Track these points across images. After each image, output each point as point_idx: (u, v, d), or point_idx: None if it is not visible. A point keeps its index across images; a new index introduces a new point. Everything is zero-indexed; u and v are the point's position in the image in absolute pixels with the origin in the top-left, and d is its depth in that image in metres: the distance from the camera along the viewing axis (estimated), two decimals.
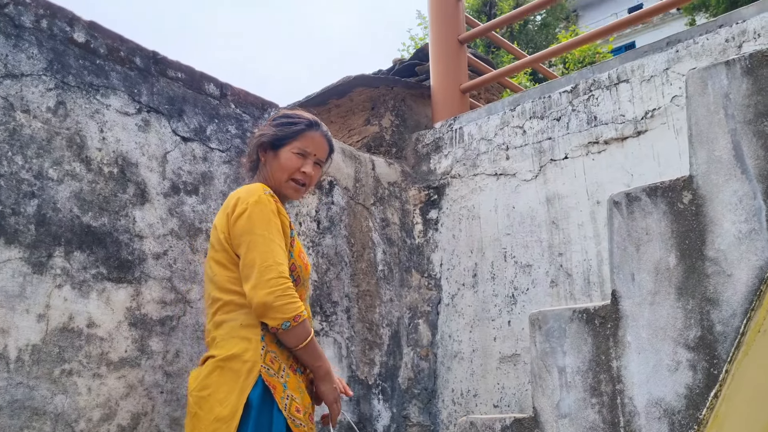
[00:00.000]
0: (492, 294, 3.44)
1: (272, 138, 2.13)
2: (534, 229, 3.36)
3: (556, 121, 3.40)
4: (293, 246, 2.00)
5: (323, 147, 2.16)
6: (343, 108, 4.23)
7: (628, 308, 1.97)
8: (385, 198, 3.69)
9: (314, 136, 2.13)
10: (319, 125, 2.16)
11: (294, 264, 1.98)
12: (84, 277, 2.27)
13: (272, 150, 2.15)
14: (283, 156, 2.10)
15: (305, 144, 2.10)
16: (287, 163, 2.10)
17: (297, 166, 2.10)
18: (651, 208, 1.98)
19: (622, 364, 1.95)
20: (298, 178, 2.11)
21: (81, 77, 2.44)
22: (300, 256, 2.01)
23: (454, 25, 4.14)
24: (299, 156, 2.10)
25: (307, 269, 2.05)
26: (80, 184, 2.33)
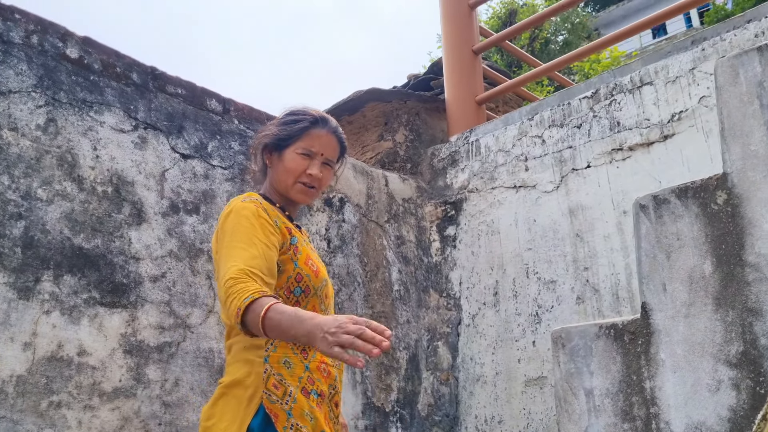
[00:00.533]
0: (515, 313, 3.24)
1: (275, 139, 1.95)
2: (557, 243, 3.17)
3: (577, 129, 3.23)
4: (296, 254, 1.82)
5: (332, 146, 1.95)
6: (356, 124, 4.11)
7: (661, 322, 1.78)
8: (400, 215, 3.54)
9: (320, 134, 1.93)
10: (326, 121, 1.97)
11: (300, 273, 1.80)
12: (74, 302, 2.14)
13: (277, 152, 1.97)
14: (287, 157, 1.92)
15: (310, 143, 1.92)
16: (291, 165, 1.91)
17: (302, 168, 1.90)
18: (682, 211, 1.79)
19: (656, 384, 1.75)
20: (305, 181, 1.92)
21: (73, 93, 2.34)
22: (307, 264, 1.83)
23: (468, 36, 4.00)
24: (304, 156, 1.91)
25: (318, 276, 1.84)
26: (71, 204, 2.22)
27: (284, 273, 1.78)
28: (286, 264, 1.79)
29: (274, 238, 1.74)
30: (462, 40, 3.98)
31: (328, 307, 1.88)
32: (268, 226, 1.74)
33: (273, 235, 1.74)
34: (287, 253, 1.80)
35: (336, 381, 1.88)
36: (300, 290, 1.80)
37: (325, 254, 3.03)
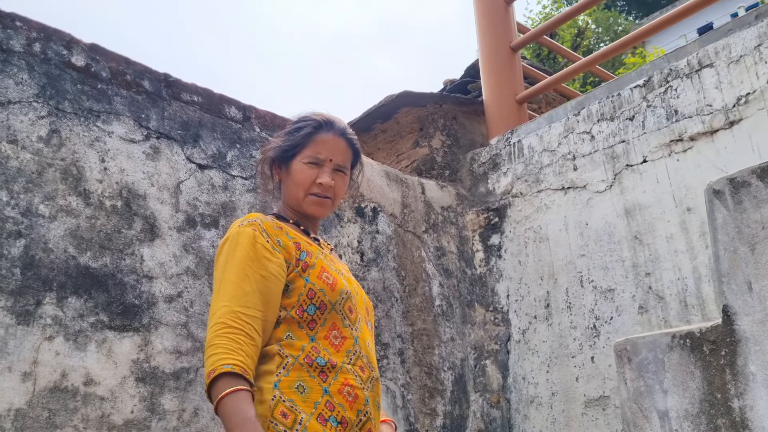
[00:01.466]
0: (569, 326, 2.94)
1: (279, 151, 1.76)
2: (613, 247, 2.87)
3: (629, 121, 2.93)
4: (306, 269, 1.60)
5: (340, 150, 1.73)
6: (390, 132, 3.89)
7: (747, 328, 1.48)
8: (439, 224, 3.29)
9: (326, 139, 1.72)
10: (331, 124, 1.75)
11: (312, 289, 1.57)
12: (80, 326, 1.95)
13: (284, 165, 1.77)
14: (294, 169, 1.72)
15: (316, 150, 1.71)
16: (299, 177, 1.71)
17: (311, 178, 1.70)
18: (766, 195, 1.50)
19: (746, 403, 1.45)
20: (315, 192, 1.71)
21: (79, 103, 2.18)
22: (320, 278, 1.60)
23: (505, 32, 3.76)
24: (312, 165, 1.70)
25: (334, 289, 1.60)
26: (77, 221, 2.05)
27: (295, 291, 1.58)
28: (295, 281, 1.58)
29: (273, 265, 1.55)
30: (499, 37, 3.73)
31: (354, 322, 1.63)
32: (266, 253, 1.56)
33: (271, 262, 1.55)
34: (295, 270, 1.59)
35: (367, 406, 1.63)
36: (314, 307, 1.57)
37: (358, 268, 2.80)
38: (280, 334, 1.54)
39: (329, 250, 1.83)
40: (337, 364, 1.54)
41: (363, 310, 1.70)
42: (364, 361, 1.61)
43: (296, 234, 1.68)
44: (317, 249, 1.70)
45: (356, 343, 1.60)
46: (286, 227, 1.68)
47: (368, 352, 1.64)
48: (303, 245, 1.65)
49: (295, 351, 1.51)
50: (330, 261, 1.70)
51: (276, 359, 1.51)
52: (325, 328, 1.56)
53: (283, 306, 1.56)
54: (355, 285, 1.74)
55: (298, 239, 1.66)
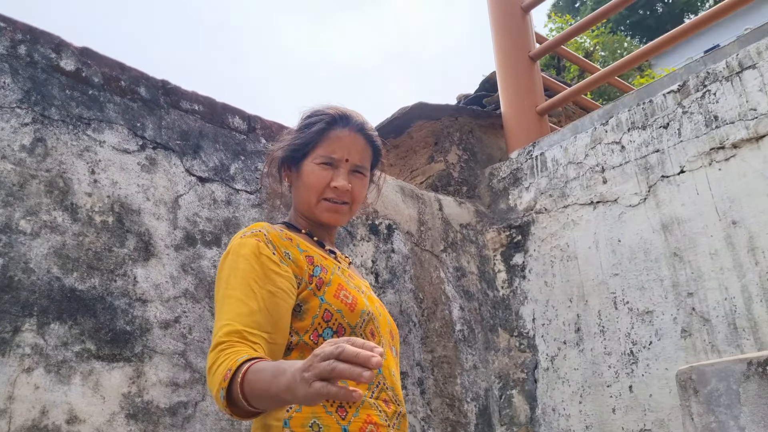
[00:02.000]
0: (603, 352, 2.70)
1: (288, 150, 1.53)
2: (650, 266, 2.64)
3: (663, 129, 2.72)
4: (321, 286, 1.37)
5: (358, 147, 1.48)
6: (403, 148, 3.69)
7: None
8: (458, 243, 3.06)
9: (342, 135, 1.49)
10: (348, 119, 1.52)
11: (328, 310, 1.35)
12: (64, 356, 1.73)
13: (294, 167, 1.55)
14: (305, 171, 1.49)
15: (330, 148, 1.48)
16: (311, 180, 1.48)
17: (324, 180, 1.46)
18: None
19: None
20: (330, 197, 1.49)
21: (67, 110, 1.99)
22: (338, 296, 1.37)
23: (524, 41, 3.57)
24: (325, 166, 1.48)
25: (354, 309, 1.37)
26: (62, 238, 1.84)
27: (308, 313, 1.34)
28: (309, 301, 1.35)
29: (281, 279, 1.32)
30: (517, 46, 3.55)
31: (384, 354, 1.40)
32: (272, 266, 1.33)
33: (279, 276, 1.32)
34: (308, 287, 1.35)
35: None
36: (331, 332, 1.35)
37: (373, 290, 2.57)
38: None
39: (347, 264, 1.60)
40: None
41: (387, 334, 1.47)
42: (389, 394, 1.38)
43: (309, 246, 1.46)
44: (333, 263, 1.47)
45: (379, 372, 1.37)
46: (296, 238, 1.46)
47: (393, 383, 1.41)
48: (317, 259, 1.42)
49: None
50: (348, 277, 1.47)
51: None
52: None
53: (295, 330, 1.34)
54: (377, 304, 1.51)
55: (310, 252, 1.43)
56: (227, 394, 1.14)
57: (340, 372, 0.94)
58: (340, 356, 0.95)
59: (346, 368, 0.94)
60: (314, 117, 1.53)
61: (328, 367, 0.95)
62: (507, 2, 3.63)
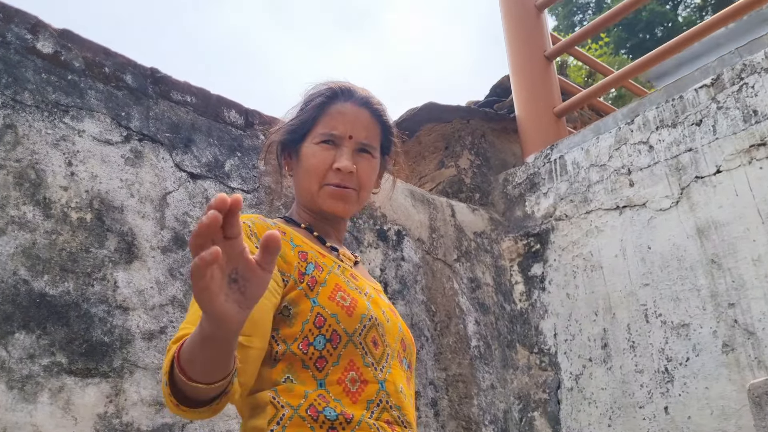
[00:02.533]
0: (634, 370, 2.46)
1: (286, 132, 1.31)
2: (685, 274, 2.41)
3: (696, 127, 2.51)
4: (314, 286, 1.14)
5: (363, 122, 1.26)
6: (411, 153, 3.48)
7: None
8: (472, 252, 2.84)
9: (344, 110, 1.26)
10: (351, 92, 1.28)
11: (320, 314, 1.12)
12: (30, 370, 1.50)
13: (293, 152, 1.34)
14: (305, 153, 1.27)
15: (331, 124, 1.25)
16: (311, 162, 1.26)
17: (326, 162, 1.24)
18: None
19: None
20: (333, 182, 1.27)
21: (42, 95, 1.78)
22: (333, 298, 1.14)
23: (538, 41, 3.38)
24: (326, 146, 1.25)
25: (352, 313, 1.13)
26: (32, 236, 1.62)
27: (298, 317, 1.12)
28: (299, 303, 1.12)
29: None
30: (532, 46, 3.35)
31: (381, 359, 1.16)
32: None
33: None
34: (298, 287, 1.13)
35: None
36: (324, 339, 1.11)
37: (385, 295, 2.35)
38: (277, 375, 1.08)
39: (352, 263, 1.36)
40: (354, 417, 1.08)
41: (396, 343, 1.23)
42: (393, 414, 1.13)
43: (305, 241, 1.23)
44: (333, 261, 1.24)
45: (382, 388, 1.13)
46: (291, 232, 1.23)
47: (400, 401, 1.16)
48: (311, 255, 1.19)
49: (296, 399, 1.06)
50: (350, 277, 1.24)
51: (268, 410, 1.06)
52: (338, 369, 1.09)
53: (282, 338, 1.11)
54: (386, 309, 1.26)
55: (305, 248, 1.20)
56: (169, 379, 0.93)
57: (201, 230, 0.76)
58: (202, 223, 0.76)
59: (204, 221, 0.76)
60: (313, 92, 1.32)
61: (193, 235, 0.77)
62: (521, 1, 3.45)
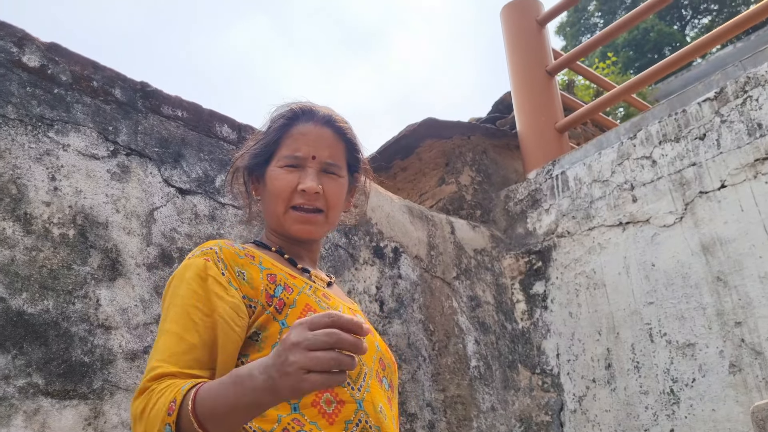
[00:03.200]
0: (639, 391, 2.38)
1: (251, 157, 1.28)
2: (690, 292, 2.34)
3: (700, 141, 2.45)
4: (282, 311, 1.09)
5: (326, 142, 1.25)
6: (411, 170, 3.43)
7: None
8: (472, 270, 2.77)
9: (306, 131, 1.24)
10: (312, 113, 1.26)
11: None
12: (4, 391, 1.45)
13: (259, 176, 1.30)
14: (270, 177, 1.24)
15: (294, 146, 1.22)
16: (275, 186, 1.22)
17: (290, 185, 1.21)
18: None
19: None
20: (298, 203, 1.23)
21: (27, 108, 1.75)
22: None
23: (540, 56, 3.34)
24: (290, 169, 1.22)
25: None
26: (11, 252, 1.57)
27: (267, 340, 1.07)
28: (267, 327, 1.08)
29: (224, 305, 1.05)
30: (533, 60, 3.31)
31: (358, 378, 1.10)
32: (218, 289, 1.07)
33: (222, 301, 1.06)
34: (265, 311, 1.08)
35: None
36: None
37: (377, 320, 2.29)
38: None
39: (325, 284, 1.32)
40: None
41: (374, 362, 1.17)
42: None
43: (274, 264, 1.19)
44: (303, 282, 1.20)
45: (360, 408, 1.07)
46: (261, 256, 1.19)
47: (380, 422, 1.10)
48: (280, 278, 1.15)
49: (268, 424, 1.00)
50: (322, 297, 1.19)
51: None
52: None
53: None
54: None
55: (274, 270, 1.16)
56: (177, 429, 0.89)
57: (342, 341, 0.80)
58: (335, 324, 0.81)
59: (349, 337, 0.80)
60: (275, 115, 1.29)
61: (332, 336, 0.79)
62: (522, 16, 3.42)
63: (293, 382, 0.81)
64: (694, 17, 22.03)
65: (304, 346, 0.81)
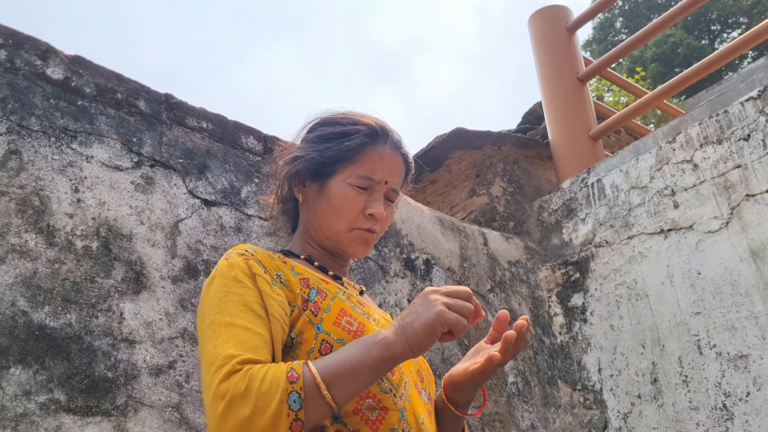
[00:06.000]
0: (688, 407, 2.25)
1: (313, 162, 1.22)
2: (740, 301, 2.21)
3: (744, 142, 2.34)
4: (318, 314, 1.03)
5: (398, 169, 1.22)
6: (441, 183, 3.36)
7: None
8: (507, 282, 2.68)
9: (384, 154, 1.19)
10: (387, 134, 1.22)
11: (326, 341, 1.01)
12: (25, 408, 1.40)
13: (315, 182, 1.24)
14: (335, 191, 1.18)
15: (371, 167, 1.17)
16: (343, 204, 1.17)
17: (359, 206, 1.17)
18: None
19: None
20: (365, 227, 1.18)
21: (50, 120, 1.72)
22: (339, 323, 1.03)
23: (571, 63, 3.26)
24: (361, 190, 1.18)
25: (359, 337, 1.04)
26: (33, 265, 1.53)
27: (302, 346, 1.02)
28: (303, 331, 1.03)
29: (275, 304, 1.02)
30: (564, 67, 3.23)
31: (398, 386, 1.05)
32: (266, 287, 1.03)
33: (272, 299, 1.02)
34: (302, 314, 1.04)
35: None
36: None
37: None
38: None
39: (358, 291, 1.26)
40: None
41: (413, 373, 1.12)
42: None
43: (305, 269, 1.14)
44: (336, 287, 1.14)
45: (403, 417, 1.01)
46: (291, 262, 1.14)
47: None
48: (313, 282, 1.10)
49: None
50: (356, 303, 1.14)
51: None
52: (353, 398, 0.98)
53: None
54: None
55: (306, 275, 1.12)
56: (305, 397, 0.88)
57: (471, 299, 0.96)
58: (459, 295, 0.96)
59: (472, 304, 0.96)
60: (348, 126, 1.22)
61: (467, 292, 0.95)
62: (551, 23, 3.35)
63: (437, 312, 0.91)
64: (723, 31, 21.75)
65: (443, 291, 0.95)
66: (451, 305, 0.92)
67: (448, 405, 1.16)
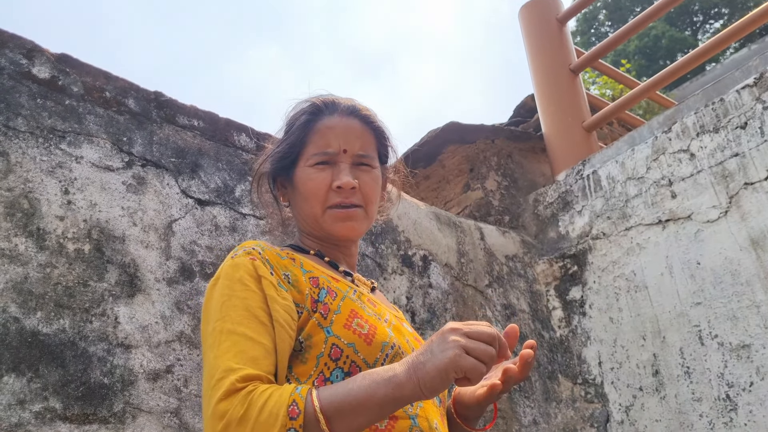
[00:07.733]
0: (691, 398, 2.23)
1: (275, 160, 1.20)
2: (741, 290, 2.20)
3: (741, 130, 2.33)
4: (328, 316, 0.99)
5: (355, 133, 1.16)
6: (434, 178, 3.33)
7: None
8: (504, 277, 2.65)
9: (333, 124, 1.16)
10: (335, 104, 1.19)
11: (336, 345, 0.97)
12: (19, 417, 1.35)
13: (287, 180, 1.21)
14: (301, 178, 1.16)
15: (323, 143, 1.15)
16: (309, 187, 1.14)
17: (324, 183, 1.14)
18: None
19: None
20: (336, 202, 1.14)
21: (37, 120, 1.67)
22: (349, 326, 1.00)
23: (563, 55, 3.24)
24: (321, 167, 1.14)
25: (372, 341, 1.00)
26: (24, 270, 1.48)
27: (312, 350, 0.99)
28: (313, 335, 1.00)
29: (280, 309, 0.98)
30: (556, 59, 3.21)
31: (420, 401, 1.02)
32: (271, 290, 0.99)
33: (277, 304, 0.98)
34: (311, 317, 1.00)
35: None
36: (342, 373, 0.98)
37: (409, 323, 2.17)
38: None
39: (369, 288, 1.23)
40: None
41: None
42: None
43: (315, 266, 1.11)
44: (347, 286, 1.11)
45: (415, 424, 0.99)
46: (301, 258, 1.11)
47: None
48: (323, 281, 1.06)
49: None
50: (367, 303, 1.10)
51: None
52: None
53: (296, 377, 0.98)
54: (410, 338, 1.13)
55: (316, 273, 1.08)
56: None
57: (495, 341, 0.86)
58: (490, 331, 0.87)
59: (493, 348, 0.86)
60: (291, 114, 1.21)
61: (490, 334, 0.86)
62: (541, 15, 3.32)
63: (452, 356, 0.82)
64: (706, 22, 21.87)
65: (464, 332, 0.85)
66: (470, 349, 0.83)
67: (458, 420, 1.15)
